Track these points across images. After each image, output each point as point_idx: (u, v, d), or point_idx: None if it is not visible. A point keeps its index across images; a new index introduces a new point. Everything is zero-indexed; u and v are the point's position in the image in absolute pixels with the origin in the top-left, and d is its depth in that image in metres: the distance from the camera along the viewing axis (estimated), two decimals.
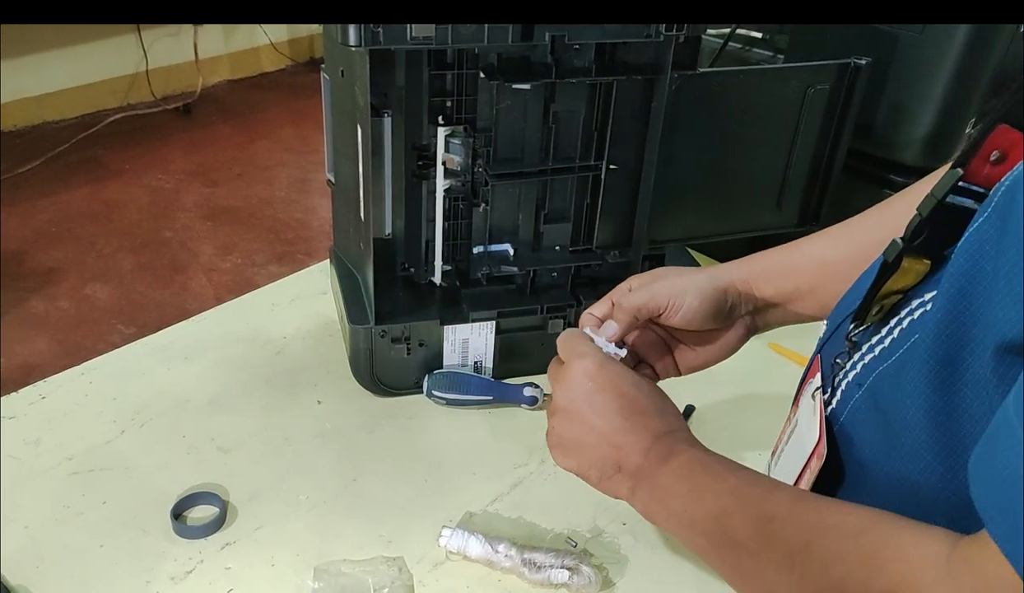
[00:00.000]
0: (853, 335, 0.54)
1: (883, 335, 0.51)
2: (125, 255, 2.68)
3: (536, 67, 0.84)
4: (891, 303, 0.51)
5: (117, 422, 0.87)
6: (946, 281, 0.43)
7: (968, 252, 0.42)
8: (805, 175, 0.99)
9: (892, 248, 0.50)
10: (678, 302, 0.68)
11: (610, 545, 0.76)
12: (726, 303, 0.70)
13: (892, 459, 0.50)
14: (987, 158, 0.46)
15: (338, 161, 0.93)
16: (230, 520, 0.77)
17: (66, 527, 0.75)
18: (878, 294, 0.51)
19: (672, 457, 0.57)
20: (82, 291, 2.50)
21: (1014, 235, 0.38)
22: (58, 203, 2.95)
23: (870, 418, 0.52)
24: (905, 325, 0.49)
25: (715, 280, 0.70)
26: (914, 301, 0.49)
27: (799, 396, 0.62)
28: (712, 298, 0.69)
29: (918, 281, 0.50)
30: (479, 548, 0.72)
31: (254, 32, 4.13)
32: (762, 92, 0.92)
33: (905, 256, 0.49)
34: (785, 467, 0.61)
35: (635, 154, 0.92)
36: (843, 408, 0.55)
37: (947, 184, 0.47)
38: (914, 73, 0.97)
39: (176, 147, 3.41)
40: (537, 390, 0.90)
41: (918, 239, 0.48)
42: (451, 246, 0.92)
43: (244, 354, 0.98)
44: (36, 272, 2.57)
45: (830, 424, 0.55)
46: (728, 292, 0.70)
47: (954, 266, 0.43)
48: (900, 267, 0.49)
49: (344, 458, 0.85)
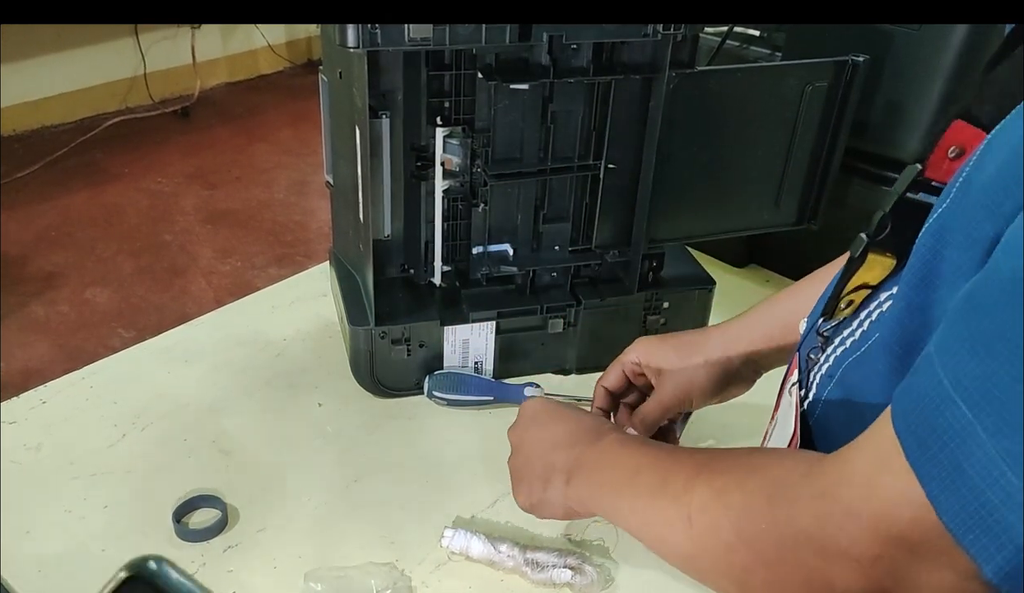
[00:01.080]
0: (824, 330, 0.56)
1: (853, 328, 0.53)
2: (125, 259, 2.68)
3: (534, 67, 0.84)
4: (861, 297, 0.53)
5: (118, 426, 0.87)
6: (908, 270, 0.45)
7: (928, 240, 0.43)
8: (803, 173, 0.98)
9: (857, 243, 0.51)
10: (685, 401, 0.77)
11: (611, 543, 0.76)
12: (726, 378, 0.77)
13: None
14: (945, 154, 0.47)
15: (337, 163, 0.93)
16: (232, 523, 0.77)
17: (68, 531, 0.75)
18: (846, 288, 0.53)
19: (599, 440, 0.63)
20: (82, 295, 2.50)
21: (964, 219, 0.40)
22: (57, 207, 2.95)
23: (841, 410, 0.53)
24: (874, 316, 0.51)
25: (710, 362, 0.76)
26: (882, 294, 0.51)
27: (780, 395, 0.63)
28: (713, 385, 0.76)
29: (885, 276, 0.51)
30: (481, 548, 0.72)
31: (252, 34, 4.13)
32: (760, 90, 0.92)
33: (871, 251, 0.50)
34: None
35: (633, 153, 0.92)
36: (817, 402, 0.57)
37: (907, 179, 0.48)
38: (912, 70, 0.97)
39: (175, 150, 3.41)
40: (538, 390, 0.91)
41: (882, 233, 0.50)
42: (450, 247, 0.92)
43: (244, 357, 0.98)
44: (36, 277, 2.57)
45: (806, 418, 0.57)
46: (727, 365, 0.76)
47: (915, 254, 0.44)
48: (866, 261, 0.51)
49: (345, 459, 0.85)
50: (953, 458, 0.35)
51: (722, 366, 0.76)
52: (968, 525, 0.35)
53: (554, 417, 0.69)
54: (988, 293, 0.35)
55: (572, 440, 0.65)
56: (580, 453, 0.64)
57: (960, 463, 0.35)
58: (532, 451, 0.69)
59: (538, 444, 0.68)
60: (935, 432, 0.36)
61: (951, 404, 0.35)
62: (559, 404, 0.72)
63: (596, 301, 0.95)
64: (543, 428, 0.69)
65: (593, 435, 0.65)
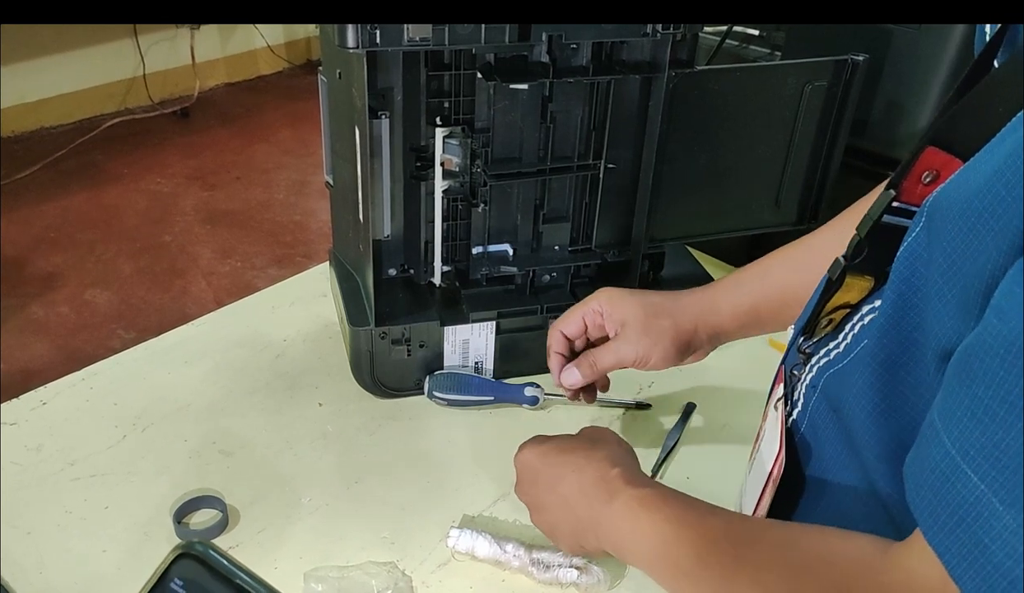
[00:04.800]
0: (805, 348, 0.57)
1: (838, 341, 0.53)
2: (124, 260, 2.68)
3: (533, 67, 0.84)
4: (840, 316, 0.53)
5: (118, 427, 0.87)
6: (888, 289, 0.45)
7: (904, 263, 0.44)
8: (803, 172, 0.99)
9: (835, 267, 0.52)
10: (644, 360, 0.75)
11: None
12: (689, 347, 0.75)
13: (848, 467, 0.52)
14: (919, 179, 0.47)
15: (336, 163, 0.93)
16: (232, 523, 0.77)
17: (68, 533, 0.75)
18: (824, 309, 0.53)
19: (612, 501, 0.61)
20: (82, 296, 2.50)
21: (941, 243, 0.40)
22: (57, 208, 2.95)
23: (827, 423, 0.54)
24: (857, 330, 0.51)
25: (679, 328, 0.74)
26: (864, 307, 0.51)
27: (767, 408, 0.64)
28: (676, 351, 0.74)
29: (863, 296, 0.52)
30: (488, 548, 0.72)
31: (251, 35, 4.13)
32: (760, 89, 0.92)
33: (848, 274, 0.51)
34: (754, 476, 0.63)
35: (633, 153, 0.92)
36: (803, 417, 0.57)
37: (881, 205, 0.49)
38: (911, 69, 0.97)
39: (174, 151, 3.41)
40: (538, 390, 0.91)
41: (859, 257, 0.50)
42: (450, 247, 0.92)
43: (244, 357, 0.98)
44: (36, 278, 2.57)
45: (791, 434, 0.58)
46: (693, 335, 0.75)
47: (894, 275, 0.45)
48: (844, 284, 0.51)
49: (346, 460, 0.85)
50: (973, 534, 0.34)
51: (688, 334, 0.75)
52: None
53: (553, 475, 0.67)
54: (984, 357, 0.35)
55: (585, 500, 0.64)
56: (598, 515, 0.62)
57: (981, 539, 0.34)
58: (553, 516, 0.68)
59: (554, 509, 0.67)
60: (949, 506, 0.35)
61: (962, 475, 0.35)
62: (550, 450, 0.69)
63: None
64: (550, 490, 0.67)
65: (604, 492, 0.62)
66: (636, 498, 0.60)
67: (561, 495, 0.66)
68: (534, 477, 0.70)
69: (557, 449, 0.69)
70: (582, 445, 0.69)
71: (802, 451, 0.57)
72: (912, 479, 0.39)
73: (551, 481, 0.67)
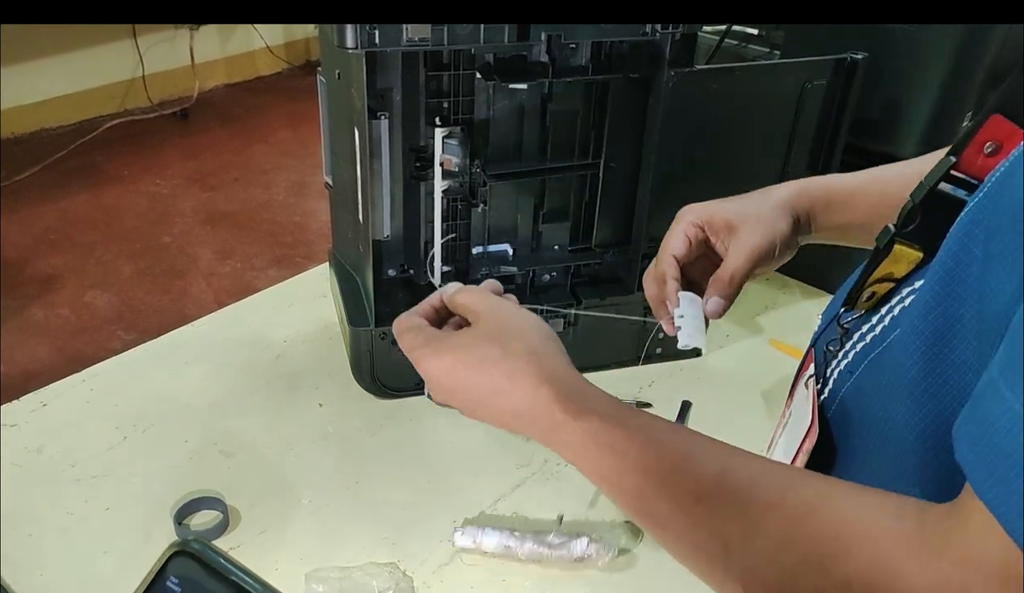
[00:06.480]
0: (845, 322, 0.54)
1: (874, 323, 0.51)
2: (124, 261, 2.68)
3: (532, 67, 0.84)
4: (883, 290, 0.51)
5: (119, 428, 0.87)
6: (936, 264, 0.43)
7: (959, 236, 0.42)
8: (803, 170, 0.98)
9: (884, 234, 0.50)
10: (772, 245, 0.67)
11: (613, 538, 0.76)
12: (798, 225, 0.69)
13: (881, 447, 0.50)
14: (981, 148, 0.45)
15: (336, 164, 0.93)
16: (233, 524, 0.77)
17: (69, 534, 0.75)
18: (870, 279, 0.51)
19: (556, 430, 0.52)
20: (82, 298, 2.50)
21: (1009, 212, 0.38)
22: (57, 210, 2.95)
23: (860, 405, 0.52)
24: (896, 312, 0.50)
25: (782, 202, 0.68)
26: (904, 289, 0.49)
27: (794, 389, 0.63)
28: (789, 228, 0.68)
29: (910, 270, 0.50)
30: (496, 539, 0.72)
31: (250, 36, 4.13)
32: (759, 88, 0.92)
33: (897, 242, 0.49)
34: (778, 457, 0.61)
35: (633, 152, 0.91)
36: (835, 397, 0.55)
37: (939, 171, 0.47)
38: (910, 67, 0.97)
39: (173, 152, 3.41)
40: None
41: (911, 225, 0.48)
42: (450, 247, 0.92)
43: (245, 358, 0.98)
44: (36, 279, 2.57)
45: (823, 411, 0.55)
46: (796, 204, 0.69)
47: (944, 250, 0.43)
48: (892, 253, 0.49)
49: (346, 460, 0.85)
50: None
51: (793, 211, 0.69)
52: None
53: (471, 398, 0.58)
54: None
55: (521, 423, 0.55)
56: (543, 439, 0.54)
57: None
58: (489, 422, 0.58)
59: (488, 419, 0.58)
60: (1010, 459, 0.34)
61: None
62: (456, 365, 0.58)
63: (596, 301, 0.95)
64: (474, 409, 0.58)
65: (542, 420, 0.53)
66: (580, 435, 0.51)
67: (490, 414, 0.57)
68: (448, 394, 0.60)
69: (464, 364, 0.58)
70: (491, 351, 0.57)
71: (833, 429, 0.54)
72: (966, 438, 0.37)
73: (471, 403, 0.58)
